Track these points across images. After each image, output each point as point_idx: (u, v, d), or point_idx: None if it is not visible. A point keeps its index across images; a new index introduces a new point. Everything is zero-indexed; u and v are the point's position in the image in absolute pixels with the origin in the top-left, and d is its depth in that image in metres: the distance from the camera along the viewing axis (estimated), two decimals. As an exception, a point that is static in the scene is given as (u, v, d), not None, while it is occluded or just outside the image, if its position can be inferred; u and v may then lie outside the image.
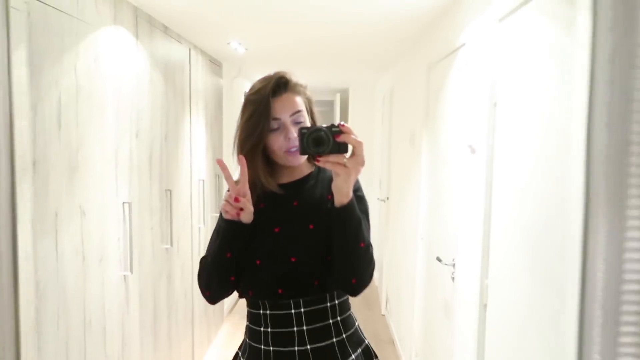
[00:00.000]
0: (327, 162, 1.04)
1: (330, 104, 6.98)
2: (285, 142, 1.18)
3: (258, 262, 1.19)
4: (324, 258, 1.16)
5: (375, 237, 4.95)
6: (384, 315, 4.45)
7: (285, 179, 1.27)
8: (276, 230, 1.20)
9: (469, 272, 1.96)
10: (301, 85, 1.24)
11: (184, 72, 3.12)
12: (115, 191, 2.16)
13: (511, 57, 1.63)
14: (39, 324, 1.61)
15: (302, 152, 1.05)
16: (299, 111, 1.20)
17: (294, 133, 1.17)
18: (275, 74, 1.21)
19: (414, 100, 3.21)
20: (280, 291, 1.17)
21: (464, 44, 2.10)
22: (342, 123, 1.02)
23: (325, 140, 1.03)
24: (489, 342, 1.79)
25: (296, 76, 1.24)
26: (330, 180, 1.17)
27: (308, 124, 1.23)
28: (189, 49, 3.20)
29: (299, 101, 1.21)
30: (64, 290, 1.76)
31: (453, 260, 2.21)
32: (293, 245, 1.18)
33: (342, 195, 1.07)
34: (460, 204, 2.12)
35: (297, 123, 1.19)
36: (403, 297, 3.54)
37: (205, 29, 2.96)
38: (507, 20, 1.66)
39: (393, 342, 3.82)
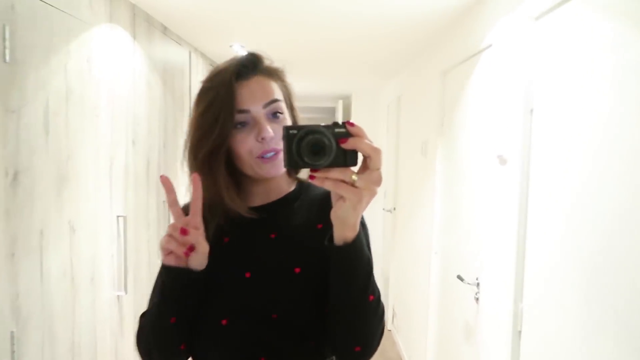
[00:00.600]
0: (328, 180, 0.68)
1: (332, 111, 6.83)
2: (257, 145, 0.85)
3: (224, 321, 0.85)
4: (318, 310, 0.84)
5: (380, 248, 4.78)
6: (390, 330, 4.27)
7: (258, 199, 0.93)
8: (247, 275, 0.86)
9: (499, 294, 1.78)
10: (278, 69, 0.92)
11: (184, 76, 2.94)
12: (109, 204, 1.98)
13: (551, 57, 1.47)
14: (20, 357, 1.42)
15: (290, 164, 0.69)
16: (275, 100, 0.87)
17: (269, 131, 0.84)
18: (245, 55, 0.90)
19: (426, 108, 3.05)
20: None
21: (489, 46, 1.94)
22: (350, 121, 0.69)
23: (327, 147, 0.67)
24: (524, 374, 1.61)
25: (270, 59, 0.93)
26: (322, 200, 0.89)
27: (289, 121, 0.90)
28: (190, 52, 3.03)
29: (276, 88, 0.89)
30: (51, 316, 1.57)
31: (477, 279, 2.03)
32: (273, 296, 0.85)
33: (346, 228, 0.73)
34: (485, 218, 1.95)
35: (274, 117, 0.87)
36: (414, 314, 3.35)
37: (206, 31, 2.80)
38: (546, 18, 1.50)
39: (401, 361, 3.64)
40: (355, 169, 0.69)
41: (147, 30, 2.34)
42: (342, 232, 0.73)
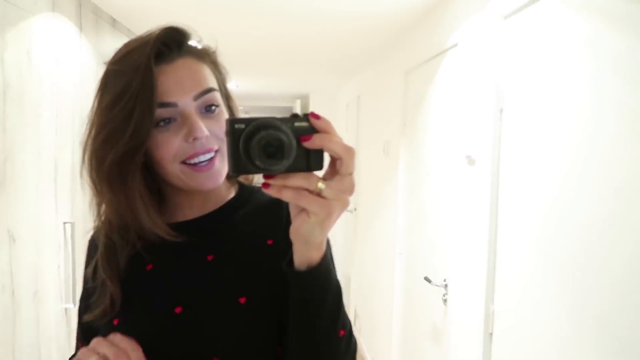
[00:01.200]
0: (286, 189, 0.53)
1: (289, 110, 6.75)
2: (185, 147, 0.66)
3: None
4: (269, 351, 0.67)
5: (341, 249, 4.73)
6: (351, 332, 4.24)
7: (188, 212, 0.74)
8: (178, 310, 0.68)
9: (469, 295, 1.76)
10: (209, 48, 0.74)
11: (135, 73, 2.77)
12: (55, 210, 1.81)
13: (521, 56, 1.45)
14: (-50, 386, 1.25)
15: (237, 169, 0.52)
16: (209, 90, 0.68)
17: (203, 129, 0.66)
18: (161, 28, 0.68)
19: (387, 108, 3.02)
20: None
21: (455, 45, 1.92)
22: (314, 112, 0.54)
23: (285, 146, 0.51)
24: (496, 376, 1.59)
25: (199, 35, 0.73)
26: (272, 207, 0.74)
27: (226, 115, 0.72)
28: (141, 47, 2.86)
29: (208, 73, 0.70)
30: (-13, 338, 1.41)
31: (445, 281, 2.01)
32: (212, 335, 0.66)
33: (310, 248, 0.58)
34: (453, 219, 1.92)
35: (207, 110, 0.68)
36: (377, 316, 3.32)
37: (157, 24, 2.64)
38: (516, 16, 1.48)
39: (364, 363, 3.60)
40: (320, 173, 0.54)
41: (94, 23, 2.17)
42: (305, 254, 0.58)
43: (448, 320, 1.97)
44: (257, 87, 5.09)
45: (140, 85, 0.63)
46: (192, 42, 0.71)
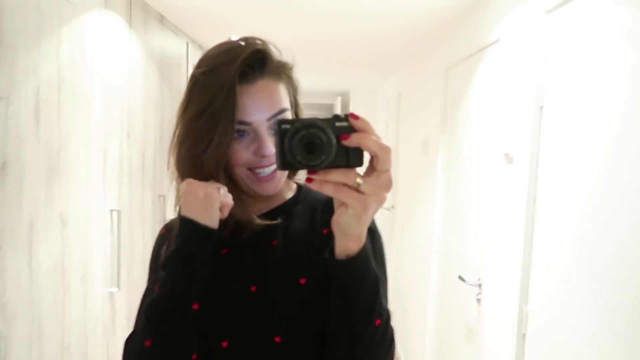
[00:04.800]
0: (327, 183, 0.57)
1: (330, 107, 6.77)
2: (254, 158, 0.75)
3: (224, 344, 0.73)
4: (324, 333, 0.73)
5: (377, 247, 4.72)
6: (385, 330, 4.23)
7: (255, 209, 0.82)
8: (253, 289, 0.75)
9: (502, 295, 1.73)
10: (286, 65, 0.80)
11: (181, 69, 2.87)
12: (103, 197, 1.91)
13: (563, 52, 1.42)
14: (7, 356, 1.35)
15: (284, 165, 0.58)
16: (282, 111, 0.75)
17: (271, 147, 0.73)
18: (246, 43, 0.75)
19: (427, 105, 2.99)
20: None
21: (497, 40, 1.89)
22: (353, 113, 0.58)
23: (324, 144, 0.56)
24: (529, 378, 1.56)
25: (278, 50, 0.79)
26: (326, 203, 0.79)
27: None
28: (187, 43, 2.96)
29: (283, 93, 0.77)
30: (39, 313, 1.51)
31: (479, 280, 1.98)
32: (279, 315, 0.74)
33: (349, 239, 0.62)
34: (489, 218, 1.89)
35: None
36: (411, 314, 3.31)
37: (204, 22, 2.72)
38: (559, 11, 1.45)
39: (396, 359, 3.60)
40: (360, 170, 0.59)
41: (143, 19, 2.27)
42: (345, 244, 0.63)
43: (482, 320, 1.95)
44: (299, 83, 5.14)
45: (224, 102, 0.71)
46: (273, 60, 0.77)
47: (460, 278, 2.11)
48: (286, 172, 0.78)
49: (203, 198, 0.70)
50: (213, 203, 0.71)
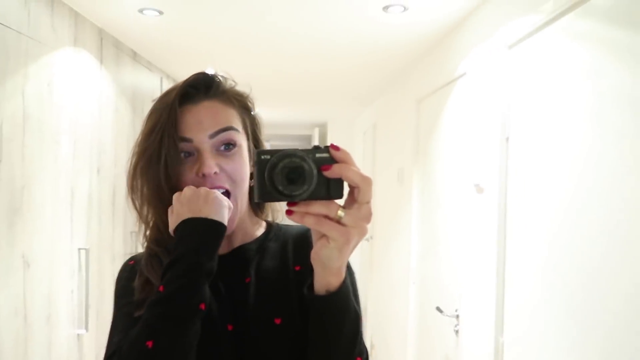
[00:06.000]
0: (308, 215, 0.56)
1: (308, 138, 6.82)
2: (197, 181, 0.72)
3: None
4: None
5: (358, 277, 4.68)
6: (367, 363, 4.15)
7: (224, 245, 0.74)
8: (230, 328, 0.73)
9: (479, 327, 1.72)
10: (239, 93, 0.79)
11: (155, 103, 2.86)
12: (70, 236, 1.86)
13: (526, 85, 1.46)
14: (-41, 408, 1.28)
15: (263, 196, 0.56)
16: (228, 129, 0.73)
17: (211, 166, 0.71)
18: (194, 74, 0.77)
19: (401, 135, 3.03)
20: None
21: (464, 74, 1.93)
22: (334, 144, 0.58)
23: (306, 173, 0.55)
24: (507, 412, 1.54)
25: (233, 81, 0.81)
26: (298, 238, 0.79)
27: (246, 155, 0.76)
28: (161, 78, 2.96)
29: (231, 116, 0.75)
30: (-2, 361, 1.44)
31: (456, 311, 1.97)
32: (258, 352, 0.72)
33: (330, 273, 0.61)
34: (463, 248, 1.90)
35: (225, 149, 0.73)
36: (392, 346, 3.26)
37: (179, 57, 2.74)
38: (520, 46, 1.49)
39: (380, 396, 3.51)
40: (340, 201, 0.58)
41: (115, 55, 2.27)
42: (325, 279, 0.61)
43: (459, 351, 1.92)
44: (277, 115, 5.17)
45: (166, 120, 0.72)
46: (223, 85, 0.78)
47: (438, 309, 2.09)
48: (238, 206, 0.74)
49: (213, 199, 0.69)
50: (224, 203, 0.70)
